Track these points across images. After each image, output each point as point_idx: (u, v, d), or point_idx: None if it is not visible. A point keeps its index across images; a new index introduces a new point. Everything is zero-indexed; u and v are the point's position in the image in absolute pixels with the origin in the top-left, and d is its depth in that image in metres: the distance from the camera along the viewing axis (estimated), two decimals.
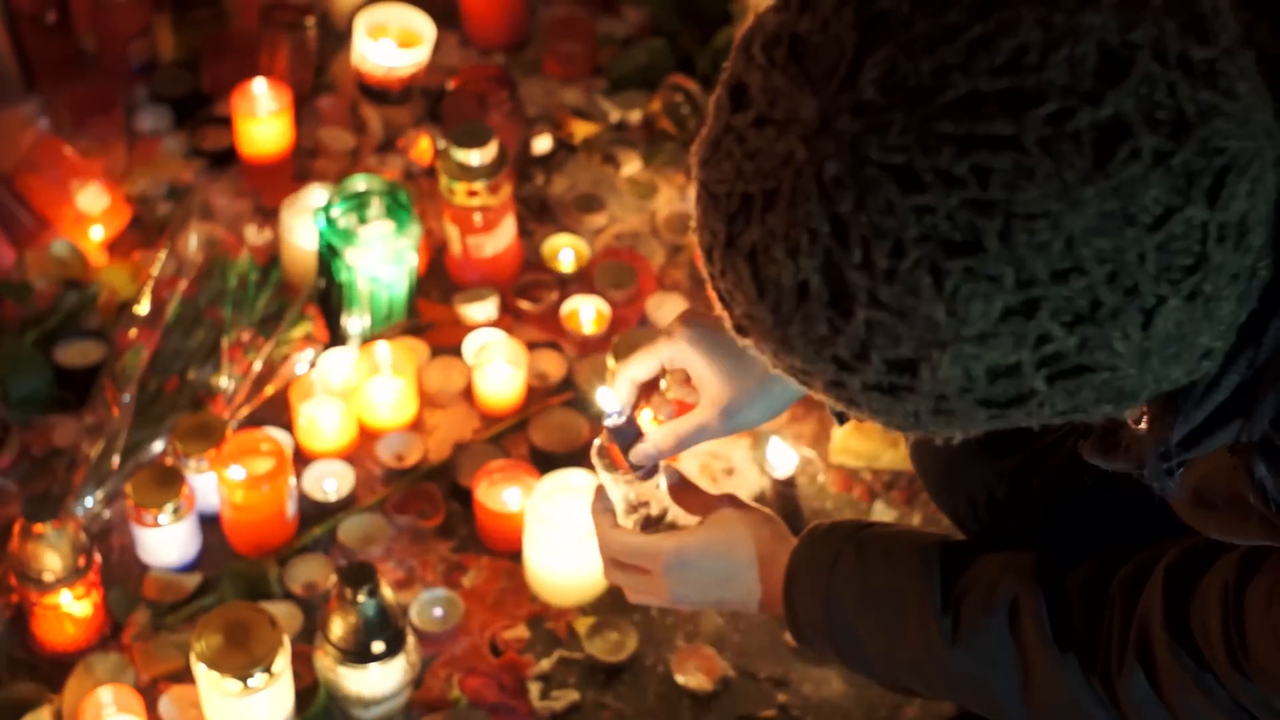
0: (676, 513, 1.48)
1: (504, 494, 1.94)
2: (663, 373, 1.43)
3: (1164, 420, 1.00)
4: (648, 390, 1.44)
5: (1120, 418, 1.04)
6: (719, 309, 0.98)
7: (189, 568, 1.93)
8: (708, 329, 1.37)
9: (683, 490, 1.48)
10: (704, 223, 0.95)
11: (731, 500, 1.46)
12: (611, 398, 1.41)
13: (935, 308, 0.87)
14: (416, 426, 2.07)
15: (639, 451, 1.40)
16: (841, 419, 1.44)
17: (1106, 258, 0.86)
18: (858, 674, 1.42)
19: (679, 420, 1.40)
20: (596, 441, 1.42)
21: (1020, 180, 0.85)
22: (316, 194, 2.17)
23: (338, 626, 1.72)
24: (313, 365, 2.07)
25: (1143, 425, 1.04)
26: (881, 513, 2.00)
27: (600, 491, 1.45)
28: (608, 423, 1.41)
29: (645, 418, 1.41)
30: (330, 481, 2.00)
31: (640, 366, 1.41)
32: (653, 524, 1.46)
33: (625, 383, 1.41)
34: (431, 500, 1.99)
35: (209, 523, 1.95)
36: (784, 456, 2.00)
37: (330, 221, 2.06)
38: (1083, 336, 0.88)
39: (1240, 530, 1.07)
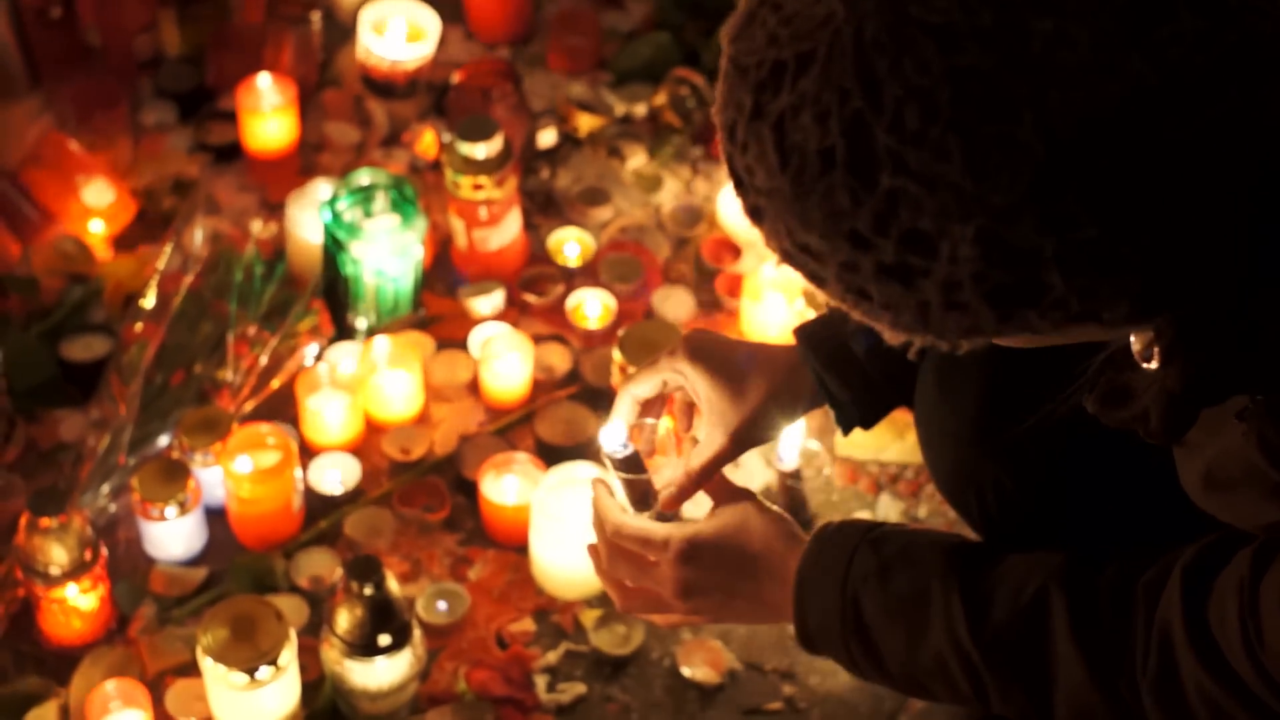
0: (689, 512, 1.44)
1: (510, 487, 1.94)
2: (664, 403, 1.41)
3: (1175, 355, 0.97)
4: (652, 408, 1.42)
5: (1129, 349, 1.01)
6: (735, 193, 0.96)
7: (195, 561, 1.93)
8: (711, 349, 1.36)
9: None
10: (728, 99, 0.94)
11: (747, 494, 1.41)
12: (614, 434, 1.38)
13: (963, 175, 0.86)
14: (422, 420, 2.07)
15: (668, 500, 1.38)
16: (847, 427, 1.43)
17: None
18: (870, 680, 1.34)
19: (691, 454, 1.37)
20: (604, 445, 1.39)
21: (1060, 46, 0.84)
22: (322, 188, 2.17)
23: (344, 619, 1.72)
24: (318, 359, 2.08)
25: (1154, 364, 1.02)
26: (887, 505, 2.00)
27: (603, 484, 1.42)
28: (612, 454, 1.38)
29: (662, 427, 1.41)
30: (336, 475, 2.00)
31: (644, 385, 1.39)
32: (663, 520, 1.42)
33: (628, 401, 1.39)
34: (437, 493, 1.99)
35: (215, 516, 1.95)
36: (790, 449, 2.00)
37: (336, 215, 2.06)
38: (1108, 224, 0.86)
39: (1256, 511, 1.05)
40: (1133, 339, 1.05)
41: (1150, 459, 1.15)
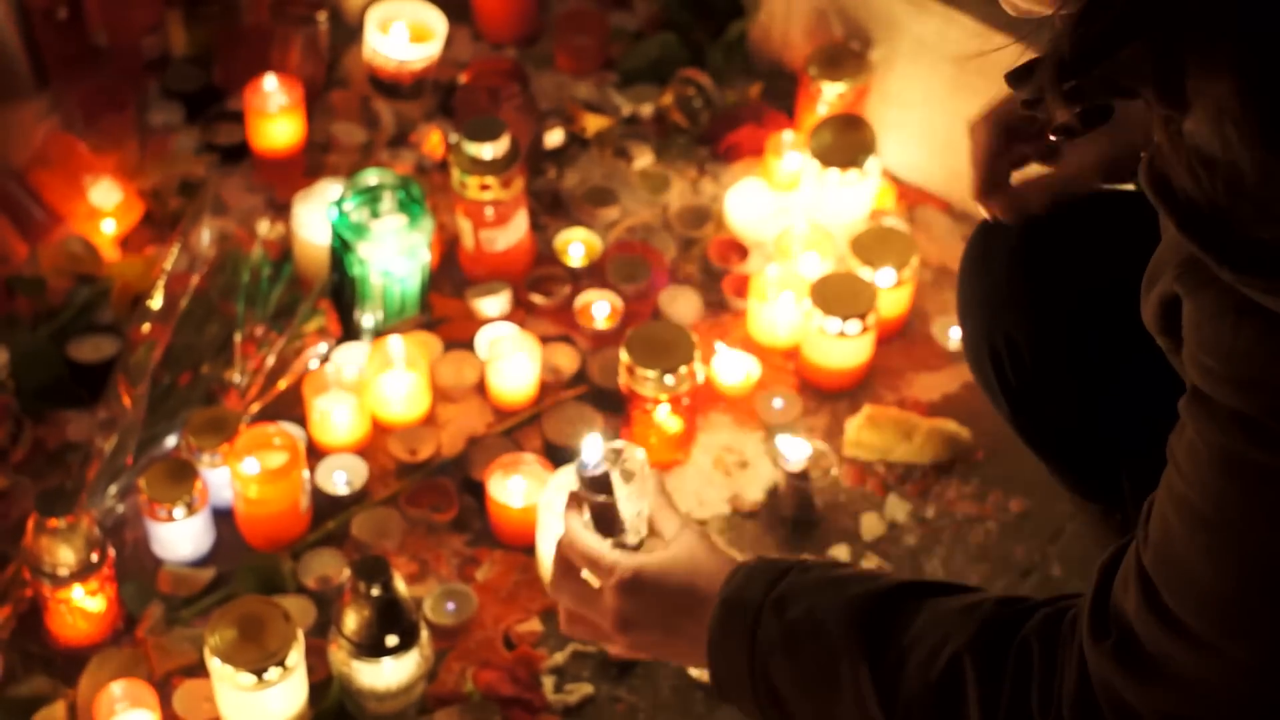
0: (653, 545, 1.42)
1: (517, 488, 1.94)
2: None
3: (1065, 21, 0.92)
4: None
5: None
6: None
7: (202, 562, 1.93)
8: None
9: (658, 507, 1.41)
10: None
11: (702, 531, 1.39)
12: (591, 451, 1.37)
13: None
14: (429, 421, 2.07)
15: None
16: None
17: None
18: None
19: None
20: (579, 461, 1.38)
21: None
22: (329, 188, 2.17)
23: (351, 620, 1.72)
24: (325, 360, 2.08)
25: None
26: (895, 505, 2.00)
27: (576, 498, 1.40)
28: (582, 471, 1.37)
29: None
30: (343, 475, 2.00)
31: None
32: (625, 549, 1.40)
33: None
34: (445, 494, 1.99)
35: (222, 517, 1.95)
36: (797, 449, 2.00)
37: (343, 216, 2.06)
38: None
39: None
40: None
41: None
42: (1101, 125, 0.95)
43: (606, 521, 1.40)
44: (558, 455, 1.98)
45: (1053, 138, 0.98)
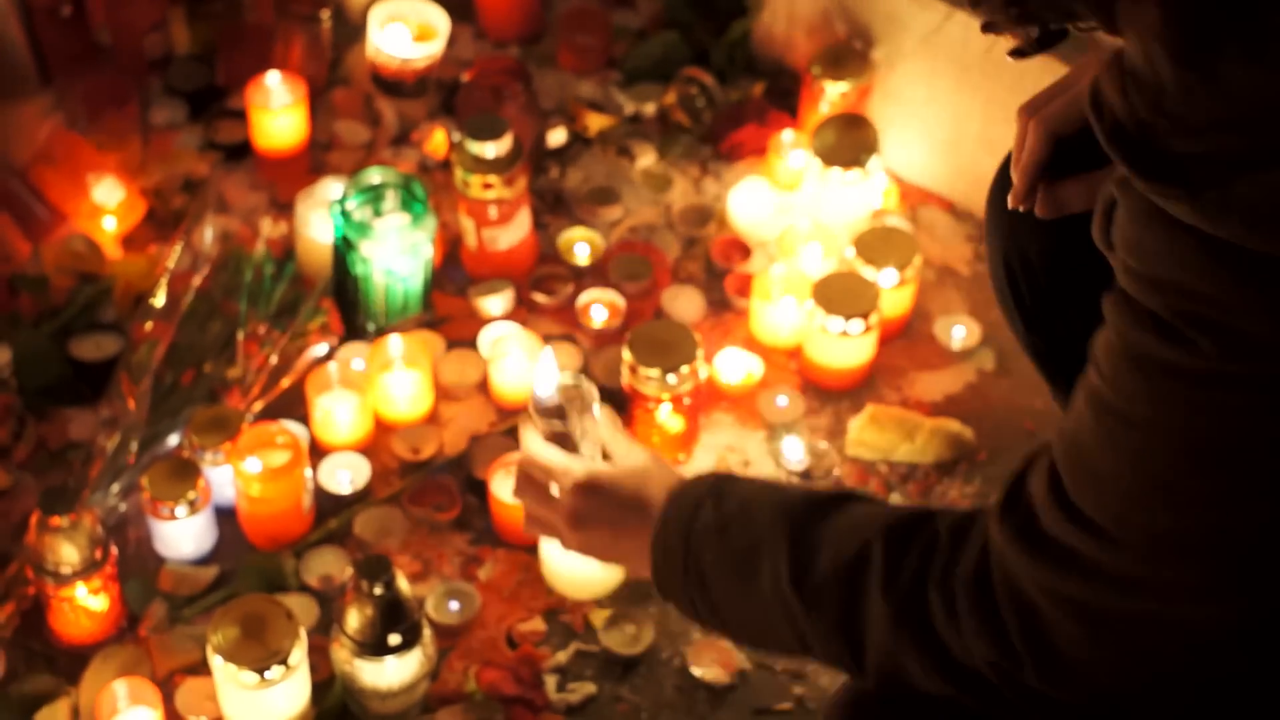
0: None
1: None
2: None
3: None
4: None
5: None
6: None
7: (205, 560, 1.93)
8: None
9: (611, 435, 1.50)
10: None
11: (654, 453, 1.47)
12: (546, 381, 1.46)
13: None
14: (432, 419, 2.07)
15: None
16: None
17: None
18: (713, 632, 1.37)
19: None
20: (534, 391, 1.47)
21: None
22: (332, 187, 2.17)
23: (354, 619, 1.72)
24: (328, 358, 2.08)
25: None
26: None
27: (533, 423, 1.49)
28: (539, 401, 1.47)
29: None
30: (346, 474, 2.00)
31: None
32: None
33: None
34: (447, 493, 1.99)
35: (225, 515, 1.95)
36: (799, 449, 2.00)
37: (345, 214, 2.06)
38: None
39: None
40: None
41: None
42: (1055, 48, 1.02)
43: (562, 448, 1.48)
44: None
45: (1010, 58, 1.04)
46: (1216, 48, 0.87)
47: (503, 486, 1.93)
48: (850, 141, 2.23)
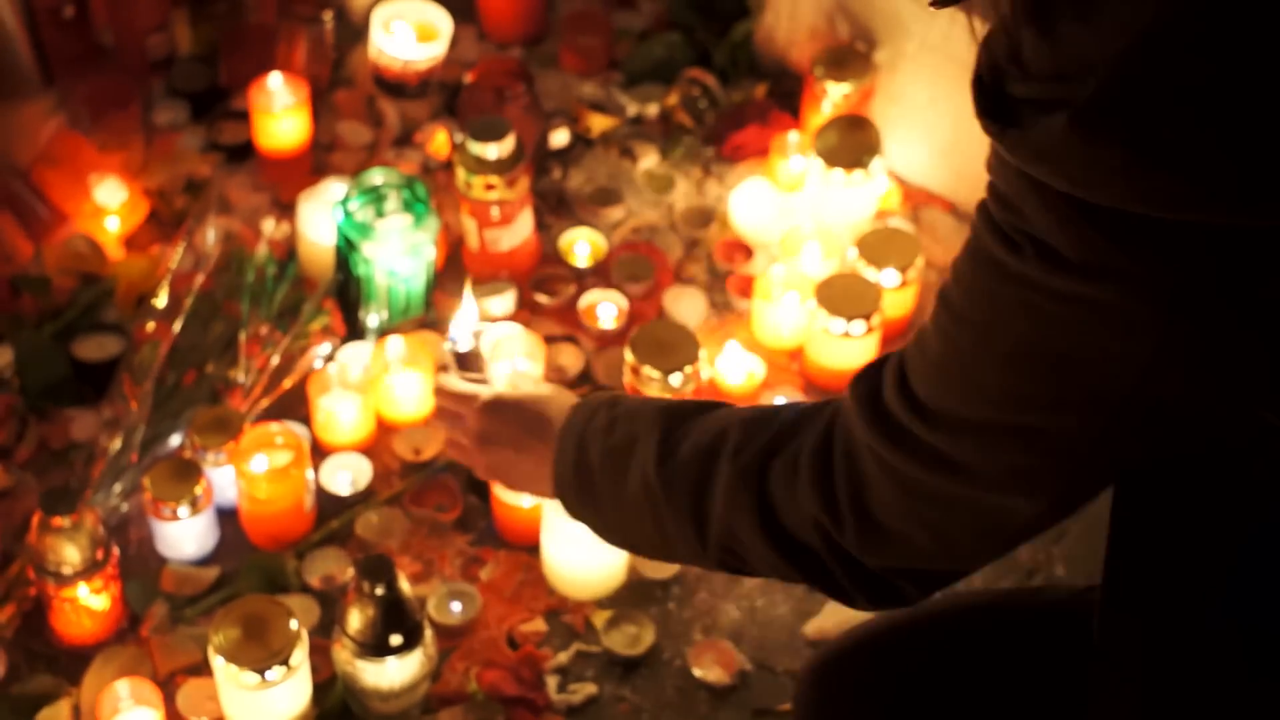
0: None
1: None
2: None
3: None
4: None
5: None
6: None
7: (207, 561, 1.93)
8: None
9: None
10: None
11: (559, 387, 1.54)
12: (462, 328, 1.60)
13: None
14: (434, 420, 2.06)
15: None
16: None
17: None
18: (600, 535, 1.40)
19: None
20: (450, 337, 1.62)
21: None
22: (334, 188, 2.17)
23: (355, 620, 1.72)
24: (330, 359, 2.08)
25: None
26: None
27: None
28: (453, 346, 1.61)
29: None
30: (347, 475, 2.00)
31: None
32: None
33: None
34: (449, 494, 1.99)
35: (227, 516, 1.95)
36: None
37: (348, 215, 2.07)
38: None
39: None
40: None
41: None
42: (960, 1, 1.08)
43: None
44: None
45: (931, 6, 1.09)
46: (1056, 6, 0.96)
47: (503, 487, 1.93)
48: (852, 143, 2.22)
